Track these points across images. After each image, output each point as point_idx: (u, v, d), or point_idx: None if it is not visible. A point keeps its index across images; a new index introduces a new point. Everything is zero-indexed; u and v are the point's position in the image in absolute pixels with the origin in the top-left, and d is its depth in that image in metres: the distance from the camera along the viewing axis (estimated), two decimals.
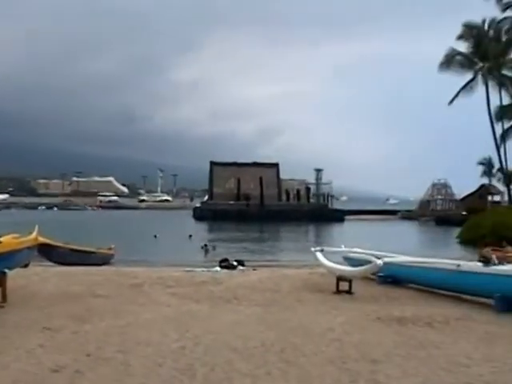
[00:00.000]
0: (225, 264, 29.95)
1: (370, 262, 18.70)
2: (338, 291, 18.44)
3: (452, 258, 24.12)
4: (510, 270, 15.93)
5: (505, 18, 75.10)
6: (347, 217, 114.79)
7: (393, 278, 20.10)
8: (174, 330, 12.63)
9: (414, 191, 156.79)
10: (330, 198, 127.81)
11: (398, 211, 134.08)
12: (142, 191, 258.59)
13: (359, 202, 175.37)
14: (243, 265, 30.49)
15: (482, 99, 76.31)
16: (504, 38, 76.45)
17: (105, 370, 9.92)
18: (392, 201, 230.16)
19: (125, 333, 12.42)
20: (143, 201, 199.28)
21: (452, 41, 78.13)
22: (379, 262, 18.21)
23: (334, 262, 20.95)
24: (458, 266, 17.27)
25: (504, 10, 73.11)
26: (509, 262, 16.93)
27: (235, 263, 30.32)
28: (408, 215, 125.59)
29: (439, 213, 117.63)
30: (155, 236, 59.34)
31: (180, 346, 11.39)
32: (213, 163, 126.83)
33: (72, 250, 32.96)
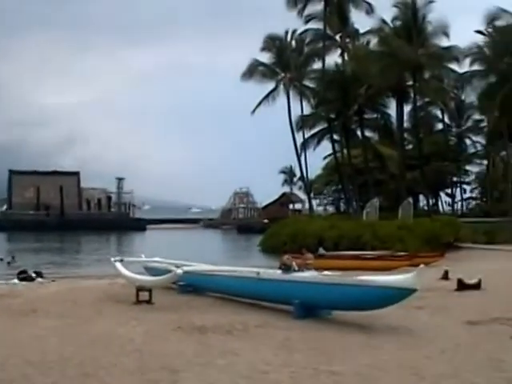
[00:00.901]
0: (23, 276, 29.12)
1: (170, 271, 18.82)
2: (139, 301, 18.42)
3: (254, 265, 24.65)
4: (309, 277, 16.49)
5: (306, 30, 77.54)
6: (149, 226, 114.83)
7: (194, 287, 20.31)
8: None
9: (216, 200, 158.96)
10: (131, 207, 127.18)
11: (201, 220, 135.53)
12: None
13: (162, 211, 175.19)
14: (42, 276, 29.81)
15: (284, 109, 78.24)
16: (306, 50, 78.90)
17: None
18: (195, 210, 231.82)
19: None
20: None
21: (256, 51, 79.86)
22: (179, 271, 18.37)
23: (134, 272, 20.92)
24: (258, 273, 17.67)
25: (306, 22, 75.52)
26: (309, 269, 17.47)
27: (34, 275, 29.57)
28: (210, 224, 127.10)
29: (241, 221, 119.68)
30: None
31: None
32: (11, 172, 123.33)
33: None
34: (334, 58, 76.25)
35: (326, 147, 79.69)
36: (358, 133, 74.70)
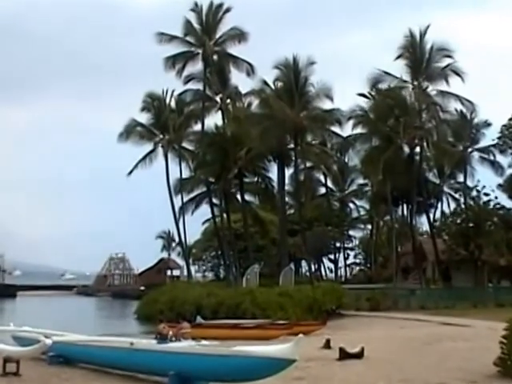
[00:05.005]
0: None
1: (39, 341, 18.53)
2: (5, 373, 18.02)
3: (129, 334, 24.51)
4: (184, 347, 16.55)
5: (186, 91, 77.62)
6: (20, 292, 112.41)
7: (65, 358, 20.01)
8: None
9: (91, 265, 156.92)
10: (1, 272, 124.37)
11: (74, 286, 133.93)
12: None
13: (34, 276, 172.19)
14: None
15: (162, 171, 77.57)
16: (186, 111, 78.83)
17: None
18: (68, 276, 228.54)
19: None
20: None
21: (135, 111, 79.34)
22: (48, 341, 18.12)
23: (0, 342, 20.47)
24: (132, 343, 17.63)
25: (186, 82, 75.56)
26: (186, 339, 17.52)
27: None
28: (84, 290, 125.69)
29: (117, 288, 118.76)
30: None
31: None
32: None
33: None
34: (214, 120, 76.35)
35: (205, 211, 79.62)
36: (239, 197, 74.95)
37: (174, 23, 75.20)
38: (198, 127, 76.55)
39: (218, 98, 76.22)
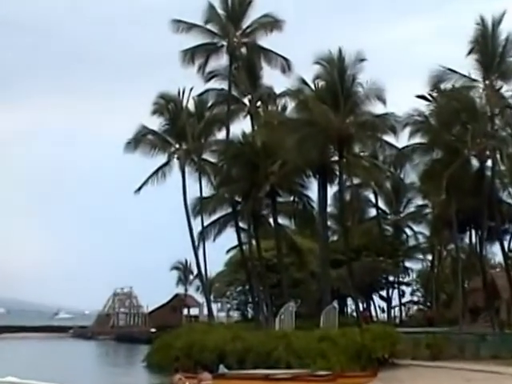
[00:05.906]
0: None
1: None
2: None
3: None
4: None
5: (207, 90, 77.10)
6: (4, 335, 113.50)
7: None
8: None
9: (91, 302, 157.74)
10: None
11: (70, 327, 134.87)
12: None
13: (21, 315, 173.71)
14: None
15: (178, 188, 77.44)
16: (207, 115, 78.39)
17: None
18: (63, 315, 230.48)
19: None
20: None
21: (145, 115, 79.03)
22: None
23: None
24: None
25: (207, 80, 74.88)
26: None
27: None
28: (82, 332, 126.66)
29: (122, 329, 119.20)
30: None
31: None
32: None
33: None
34: (241, 126, 75.79)
35: (229, 237, 79.33)
36: (271, 220, 74.57)
37: (192, 9, 74.98)
38: (221, 135, 76.54)
39: (246, 100, 76.17)
